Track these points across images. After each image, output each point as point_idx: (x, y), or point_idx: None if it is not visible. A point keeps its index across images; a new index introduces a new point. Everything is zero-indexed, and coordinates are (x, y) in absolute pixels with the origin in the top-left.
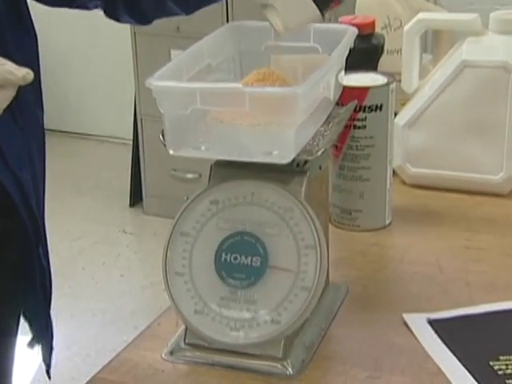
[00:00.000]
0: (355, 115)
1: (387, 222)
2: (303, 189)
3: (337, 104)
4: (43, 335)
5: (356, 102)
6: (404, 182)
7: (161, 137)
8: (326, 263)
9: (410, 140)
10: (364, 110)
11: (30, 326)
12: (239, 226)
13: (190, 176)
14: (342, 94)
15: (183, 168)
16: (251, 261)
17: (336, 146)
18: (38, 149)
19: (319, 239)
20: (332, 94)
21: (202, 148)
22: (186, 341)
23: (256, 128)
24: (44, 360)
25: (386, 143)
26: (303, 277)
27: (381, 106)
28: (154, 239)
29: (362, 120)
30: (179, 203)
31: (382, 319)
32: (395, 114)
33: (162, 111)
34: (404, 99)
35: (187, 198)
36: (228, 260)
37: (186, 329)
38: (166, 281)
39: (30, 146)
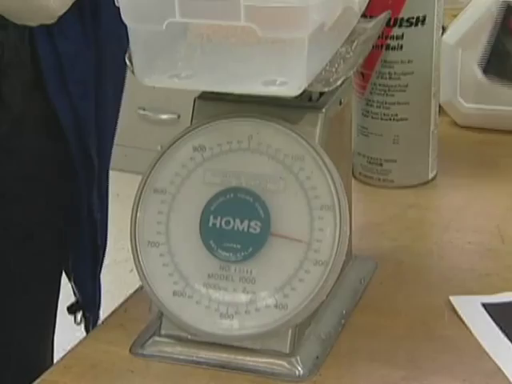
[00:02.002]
0: (388, 31)
1: (430, 175)
2: (317, 130)
3: (363, 16)
4: (89, 301)
5: (389, 12)
6: (454, 123)
7: (127, 61)
8: (347, 230)
9: (464, 65)
10: (400, 24)
11: (76, 287)
12: (232, 180)
13: (164, 117)
14: (369, 1)
15: (156, 106)
16: (248, 226)
17: (362, 74)
18: (114, 75)
19: (338, 198)
20: (357, 2)
21: (183, 75)
22: (163, 331)
23: (255, 48)
24: (87, 331)
25: (431, 70)
26: (317, 247)
27: (423, 18)
28: (117, 202)
29: (398, 38)
30: (151, 153)
31: (421, 303)
32: (443, 30)
33: (128, 25)
34: (455, 8)
35: (162, 147)
36: (218, 225)
37: (162, 316)
38: (135, 253)
39: (102, 69)
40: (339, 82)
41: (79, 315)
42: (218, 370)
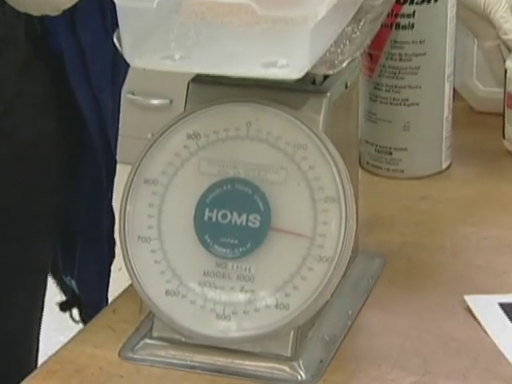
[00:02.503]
0: (398, 9)
1: (444, 165)
2: (321, 116)
3: None
4: (97, 298)
5: None
6: (470, 108)
7: (115, 40)
8: (353, 224)
9: (480, 45)
10: (411, 1)
11: (81, 283)
12: (229, 170)
13: (155, 102)
14: None
15: (146, 90)
16: (247, 220)
17: (370, 55)
18: (125, 66)
19: (344, 189)
20: None
21: (176, 56)
22: (154, 334)
23: (254, 28)
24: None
25: (444, 50)
26: (321, 243)
27: None
28: None
29: (409, 16)
30: (141, 141)
31: (433, 303)
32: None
33: (116, 3)
34: None
35: (152, 135)
36: (214, 219)
37: (154, 317)
38: (124, 250)
39: (118, 61)
40: (345, 64)
41: (75, 312)
42: (214, 375)
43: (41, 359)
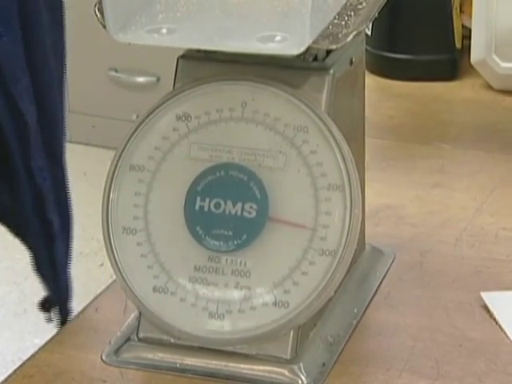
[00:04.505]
0: None
1: None
2: (324, 96)
3: None
4: (60, 291)
5: None
6: (489, 86)
7: (96, 11)
8: (359, 213)
9: (500, 16)
10: None
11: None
12: (223, 154)
13: (141, 80)
14: None
15: (131, 66)
16: (242, 210)
17: None
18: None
19: (349, 176)
20: None
21: (164, 30)
22: (141, 334)
23: None
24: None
25: None
26: (323, 234)
27: None
28: (84, 181)
29: None
30: (125, 124)
31: (447, 301)
32: None
33: None
34: None
35: (138, 116)
36: (206, 208)
37: (140, 316)
38: (108, 242)
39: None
40: (350, 38)
41: (54, 311)
42: (206, 379)
43: (15, 364)
